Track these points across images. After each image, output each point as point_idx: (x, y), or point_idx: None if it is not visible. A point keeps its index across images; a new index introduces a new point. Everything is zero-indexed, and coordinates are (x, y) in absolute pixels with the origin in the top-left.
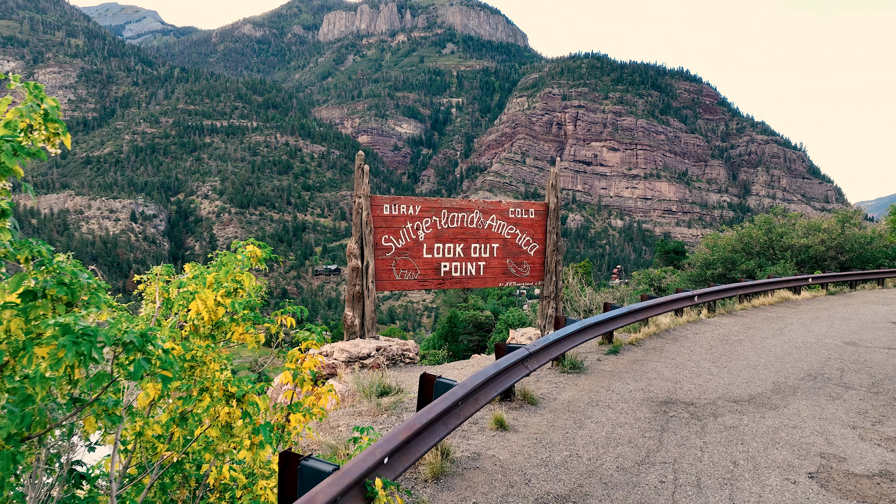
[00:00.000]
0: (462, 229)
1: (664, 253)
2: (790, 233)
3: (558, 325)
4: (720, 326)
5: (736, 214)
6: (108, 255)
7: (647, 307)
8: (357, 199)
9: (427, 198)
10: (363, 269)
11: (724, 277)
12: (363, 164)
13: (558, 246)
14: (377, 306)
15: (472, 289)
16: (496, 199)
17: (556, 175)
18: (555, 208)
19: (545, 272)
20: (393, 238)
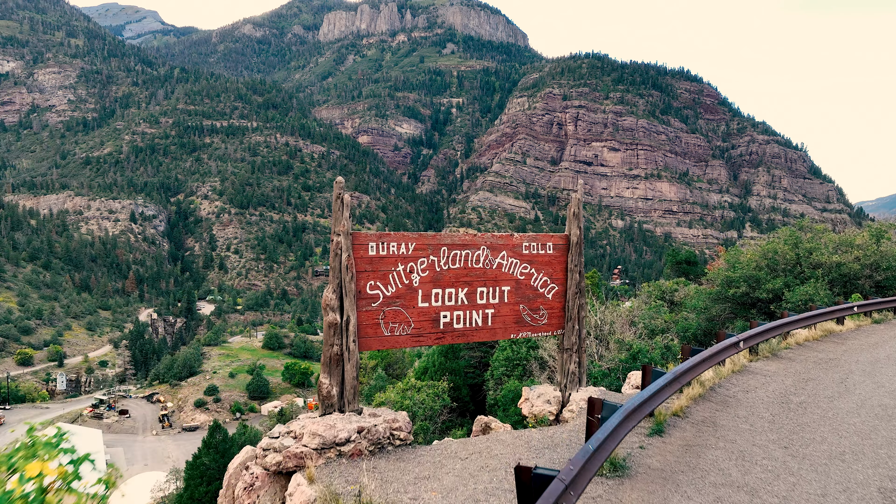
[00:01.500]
0: (466, 270)
1: (675, 263)
2: (820, 249)
3: (593, 411)
4: (771, 378)
5: (737, 215)
6: (108, 256)
7: (694, 366)
8: (335, 237)
9: (423, 233)
10: (342, 324)
11: (748, 297)
12: (342, 193)
13: (581, 287)
14: (361, 367)
15: None
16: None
17: (578, 202)
18: (577, 241)
19: (566, 319)
20: (380, 284)
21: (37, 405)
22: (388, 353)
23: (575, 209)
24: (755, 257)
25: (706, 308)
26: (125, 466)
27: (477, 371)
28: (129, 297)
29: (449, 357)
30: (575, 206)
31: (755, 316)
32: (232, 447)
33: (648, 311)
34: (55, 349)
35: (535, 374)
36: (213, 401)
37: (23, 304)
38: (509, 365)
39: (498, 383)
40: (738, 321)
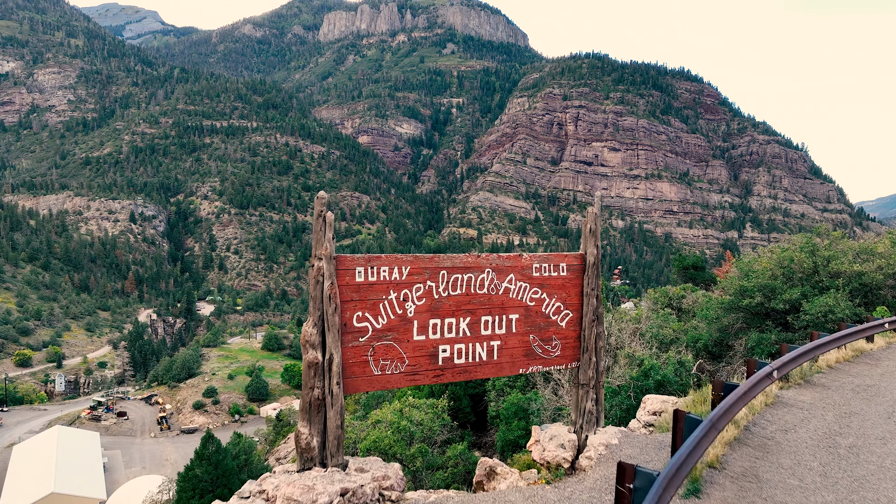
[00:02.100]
0: (468, 297)
1: (682, 268)
2: (839, 257)
3: (623, 478)
4: (809, 413)
5: (737, 215)
6: (107, 257)
7: (730, 407)
8: (316, 262)
9: (418, 256)
10: (324, 364)
11: (762, 307)
12: (324, 210)
13: (599, 313)
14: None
15: None
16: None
17: (595, 217)
18: (594, 262)
19: (582, 350)
20: (369, 315)
21: (35, 407)
22: None
23: (591, 225)
24: (770, 266)
25: (717, 318)
26: (122, 469)
27: (478, 381)
28: (128, 297)
29: None
30: (591, 221)
31: (770, 328)
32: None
33: (656, 319)
34: (54, 350)
35: (538, 385)
36: (212, 403)
37: (22, 305)
38: (512, 375)
39: (500, 394)
40: (751, 332)
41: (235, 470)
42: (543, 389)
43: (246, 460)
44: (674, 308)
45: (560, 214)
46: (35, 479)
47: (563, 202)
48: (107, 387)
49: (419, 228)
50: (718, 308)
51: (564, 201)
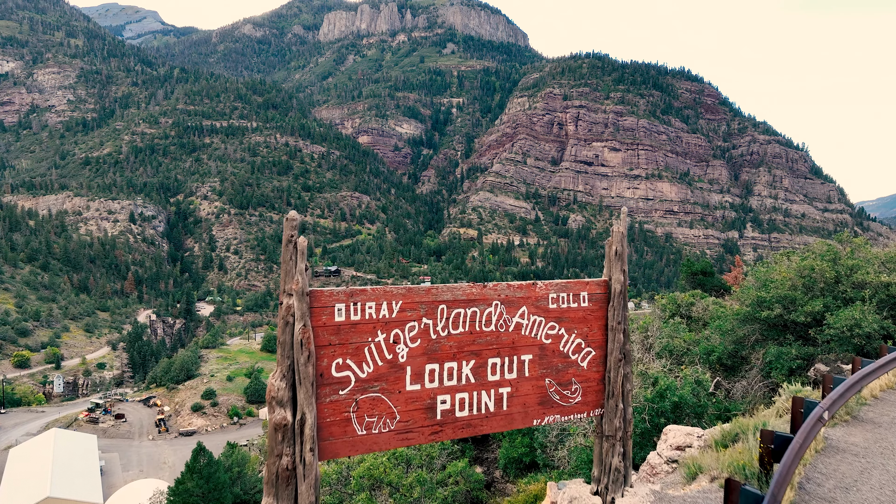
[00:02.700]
0: (472, 335)
1: (691, 274)
2: (863, 266)
3: None
4: (869, 462)
5: (738, 215)
6: (107, 257)
7: (790, 467)
8: (285, 298)
9: (412, 288)
10: (295, 426)
11: (781, 319)
12: (295, 235)
13: (626, 351)
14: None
15: None
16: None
17: (621, 237)
18: (621, 290)
19: (606, 395)
20: (352, 362)
21: (33, 409)
22: None
23: (617, 247)
24: (790, 275)
25: (732, 329)
26: (120, 472)
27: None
28: (127, 298)
29: None
30: (617, 242)
31: (791, 341)
32: (217, 471)
33: (665, 328)
34: (52, 351)
35: None
36: (211, 405)
37: (20, 306)
38: None
39: None
40: (770, 345)
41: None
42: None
43: (239, 473)
44: (683, 316)
45: (560, 214)
46: (31, 483)
47: (563, 202)
48: (105, 388)
49: (419, 228)
50: (734, 319)
51: (565, 201)
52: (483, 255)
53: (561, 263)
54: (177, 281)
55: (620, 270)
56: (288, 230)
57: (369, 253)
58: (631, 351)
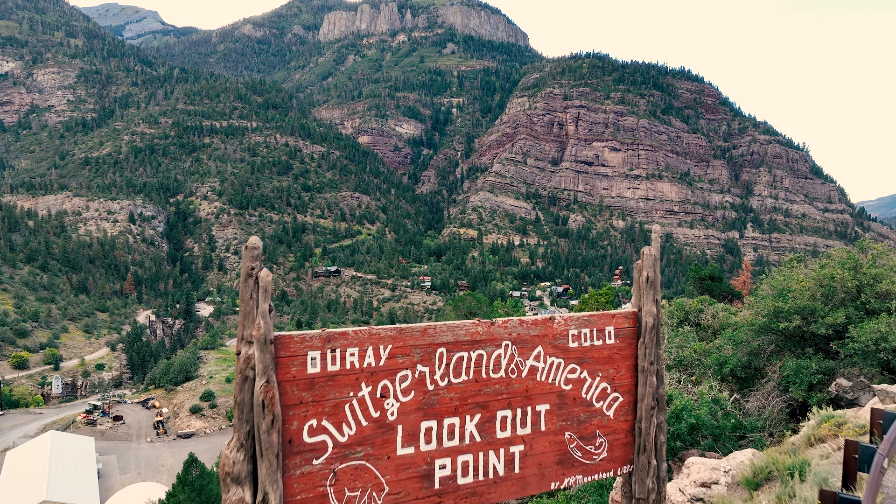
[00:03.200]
0: (478, 384)
1: (699, 279)
2: (887, 275)
3: None
4: None
5: (738, 215)
6: (106, 257)
7: None
8: (244, 347)
9: (402, 328)
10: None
11: (800, 330)
12: (257, 267)
13: (660, 396)
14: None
15: (473, 309)
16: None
17: (653, 261)
18: (654, 324)
19: (637, 450)
20: (329, 424)
21: (31, 410)
22: None
23: (649, 272)
24: (809, 285)
25: (746, 340)
26: (117, 475)
27: None
28: (127, 298)
29: None
30: (649, 266)
31: (810, 354)
32: (210, 483)
33: (674, 337)
34: (51, 352)
35: None
36: (209, 407)
37: (19, 307)
38: None
39: None
40: (787, 357)
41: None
42: None
43: None
44: (691, 323)
45: (560, 215)
46: (27, 487)
47: (563, 202)
48: (104, 390)
49: (419, 229)
50: (748, 330)
51: (565, 201)
52: (483, 255)
53: (561, 264)
54: (176, 281)
55: (653, 300)
56: (247, 261)
57: (369, 253)
58: (665, 396)
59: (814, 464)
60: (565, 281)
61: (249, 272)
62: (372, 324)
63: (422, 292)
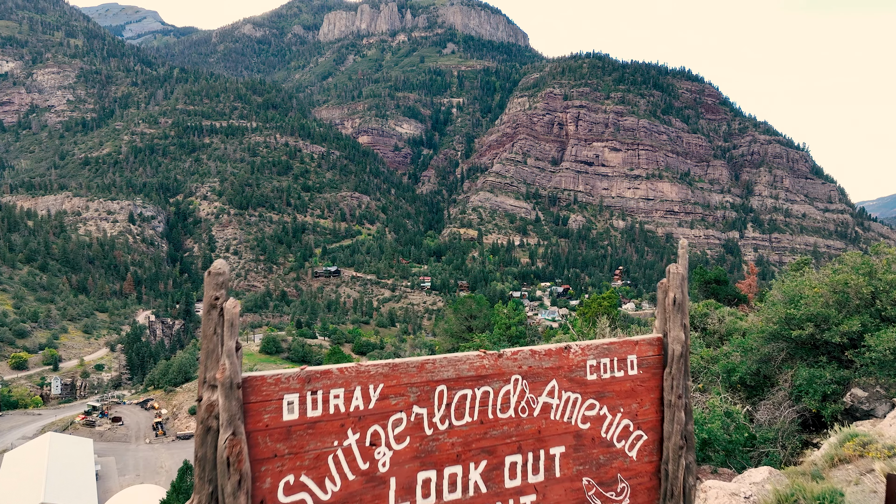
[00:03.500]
0: (483, 426)
1: (704, 283)
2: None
3: None
4: None
5: (739, 215)
6: (106, 258)
7: None
8: (206, 392)
9: (396, 364)
10: None
11: (813, 339)
12: (222, 296)
13: (689, 433)
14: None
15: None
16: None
17: (680, 280)
18: (682, 353)
19: (663, 495)
20: (310, 480)
21: (29, 411)
22: None
23: (675, 294)
24: (822, 291)
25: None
26: (116, 477)
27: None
28: (126, 299)
29: None
30: (675, 287)
31: (824, 363)
32: None
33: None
34: (50, 353)
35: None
36: None
37: (18, 307)
38: None
39: None
40: (800, 366)
41: None
42: None
43: None
44: (697, 328)
45: (561, 215)
46: (25, 489)
47: (563, 202)
48: (103, 391)
49: (419, 229)
50: (758, 337)
51: (565, 201)
52: (483, 255)
53: (561, 264)
54: (176, 281)
55: (681, 325)
56: (210, 290)
57: (369, 253)
58: (694, 433)
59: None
60: (565, 281)
61: (213, 303)
62: (372, 324)
63: (422, 292)
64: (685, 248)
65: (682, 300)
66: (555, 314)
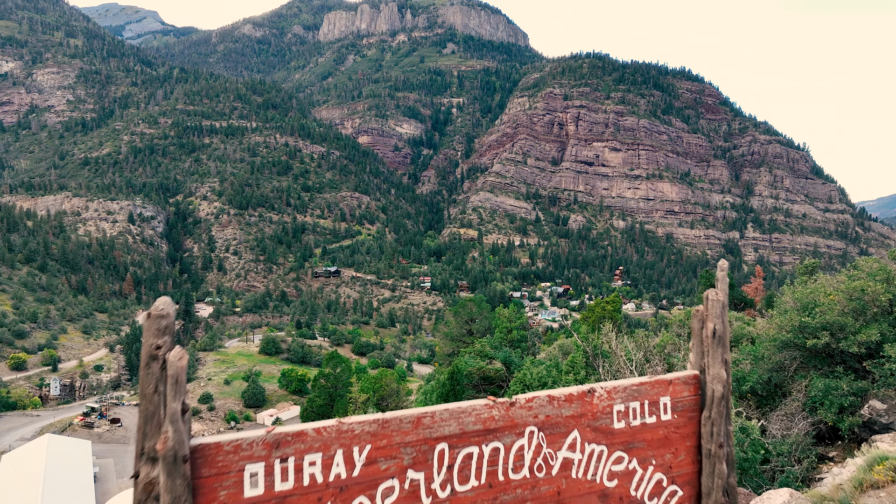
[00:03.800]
0: (492, 490)
1: (710, 287)
2: None
3: None
4: None
5: (739, 215)
6: (105, 258)
7: None
8: (144, 466)
9: (388, 419)
10: None
11: (829, 348)
12: (164, 345)
13: (730, 487)
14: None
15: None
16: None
17: (720, 308)
18: (723, 394)
19: None
20: None
21: (27, 413)
22: (379, 387)
23: (716, 324)
24: (839, 298)
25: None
26: (114, 479)
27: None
28: (126, 299)
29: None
30: (716, 316)
31: (840, 374)
32: None
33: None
34: (50, 353)
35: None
36: (208, 409)
37: (17, 308)
38: None
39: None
40: (814, 377)
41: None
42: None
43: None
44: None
45: (561, 215)
46: (22, 493)
47: (563, 202)
48: (102, 391)
49: (419, 229)
50: (770, 345)
51: (565, 202)
52: (483, 255)
53: (561, 264)
54: (176, 282)
55: (721, 361)
56: (150, 336)
57: (369, 253)
58: (736, 486)
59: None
60: (566, 281)
61: (153, 353)
62: (372, 324)
63: (422, 293)
64: (725, 272)
65: (722, 332)
66: (555, 314)
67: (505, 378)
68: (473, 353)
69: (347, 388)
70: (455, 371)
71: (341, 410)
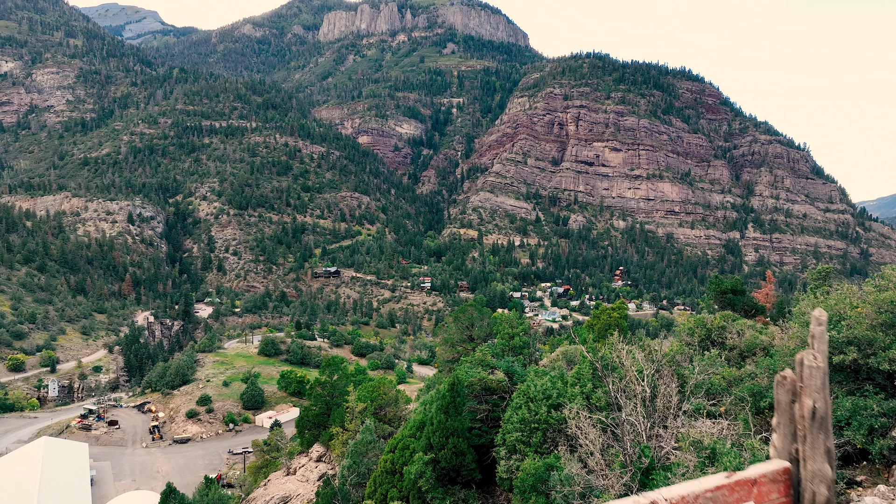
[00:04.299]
0: None
1: (720, 293)
2: None
3: None
4: None
5: (739, 215)
6: (104, 258)
7: None
8: None
9: None
10: None
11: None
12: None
13: None
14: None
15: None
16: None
17: (822, 374)
18: (826, 498)
19: None
20: None
21: (25, 414)
22: (377, 395)
23: (816, 400)
24: (867, 311)
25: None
26: (111, 482)
27: (484, 427)
28: (125, 299)
29: (450, 414)
30: (816, 389)
31: (870, 393)
32: None
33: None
34: (48, 354)
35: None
36: (206, 411)
37: (16, 308)
38: (526, 429)
39: (511, 451)
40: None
41: None
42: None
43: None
44: (715, 343)
45: (561, 215)
46: (17, 496)
47: (564, 202)
48: (100, 393)
49: (419, 229)
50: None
51: (565, 202)
52: (483, 255)
53: (561, 264)
54: (175, 282)
55: (824, 452)
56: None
57: (369, 254)
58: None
59: None
60: (566, 281)
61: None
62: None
63: (422, 293)
64: (823, 325)
65: (824, 413)
66: (555, 315)
67: (507, 389)
68: (474, 362)
69: (344, 396)
70: (455, 382)
71: (338, 419)
